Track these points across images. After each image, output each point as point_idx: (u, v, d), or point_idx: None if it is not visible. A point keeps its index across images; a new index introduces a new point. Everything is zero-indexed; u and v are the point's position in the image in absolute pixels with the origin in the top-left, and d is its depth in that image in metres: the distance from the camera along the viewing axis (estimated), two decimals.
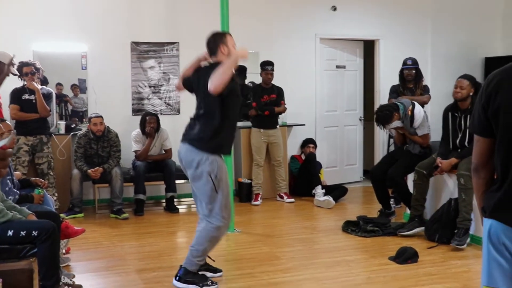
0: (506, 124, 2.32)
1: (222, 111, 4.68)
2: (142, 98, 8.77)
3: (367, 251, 6.09)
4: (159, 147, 8.24)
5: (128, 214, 7.73)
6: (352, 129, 10.26)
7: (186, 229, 7.18)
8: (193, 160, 4.75)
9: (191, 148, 4.79)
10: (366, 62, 10.40)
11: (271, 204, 8.54)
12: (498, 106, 2.33)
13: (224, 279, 5.26)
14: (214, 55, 4.84)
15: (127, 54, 8.64)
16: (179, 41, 8.86)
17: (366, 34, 9.97)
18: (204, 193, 4.78)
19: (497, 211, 2.37)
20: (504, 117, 2.32)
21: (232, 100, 4.74)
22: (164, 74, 8.85)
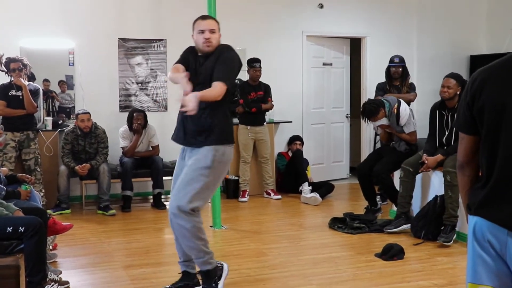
0: (490, 122, 2.33)
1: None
2: (130, 95, 8.74)
3: (353, 247, 6.10)
4: (146, 143, 8.22)
5: (115, 210, 7.72)
6: (339, 126, 10.28)
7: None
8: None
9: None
10: (353, 59, 10.41)
11: (258, 201, 8.54)
12: (483, 104, 2.34)
13: None
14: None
15: (114, 50, 8.61)
16: (167, 37, 8.84)
17: (353, 32, 9.98)
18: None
19: (482, 208, 2.38)
20: (489, 115, 2.33)
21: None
22: (151, 70, 8.83)
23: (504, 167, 2.31)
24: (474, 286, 2.42)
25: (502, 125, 2.29)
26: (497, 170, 2.32)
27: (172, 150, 8.75)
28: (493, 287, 2.37)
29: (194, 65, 4.42)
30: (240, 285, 4.93)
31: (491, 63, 2.40)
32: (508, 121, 2.27)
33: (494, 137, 2.33)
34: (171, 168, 8.35)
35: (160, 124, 8.57)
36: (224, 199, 8.25)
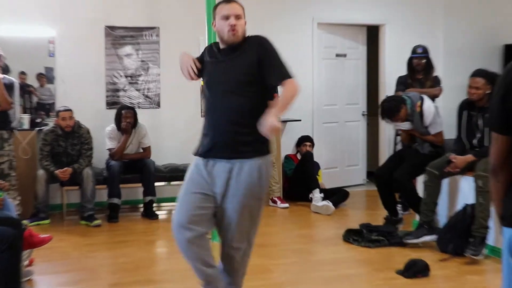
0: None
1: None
2: (118, 90, 8.74)
3: (371, 263, 6.08)
4: (136, 144, 8.21)
5: (101, 220, 7.68)
6: (354, 125, 10.26)
7: (166, 237, 7.14)
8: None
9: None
10: (370, 50, 10.43)
11: (263, 210, 8.45)
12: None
13: None
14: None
15: (100, 39, 8.62)
16: (160, 25, 8.86)
17: (370, 19, 10.01)
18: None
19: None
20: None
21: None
22: (142, 62, 8.83)
23: None
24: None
25: None
26: None
27: (166, 152, 8.77)
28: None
29: (214, 63, 4.18)
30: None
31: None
32: None
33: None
34: (164, 172, 8.36)
35: (152, 123, 8.59)
36: None
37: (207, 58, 4.20)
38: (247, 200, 4.04)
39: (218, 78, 4.08)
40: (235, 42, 4.07)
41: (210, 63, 4.16)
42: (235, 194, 4.00)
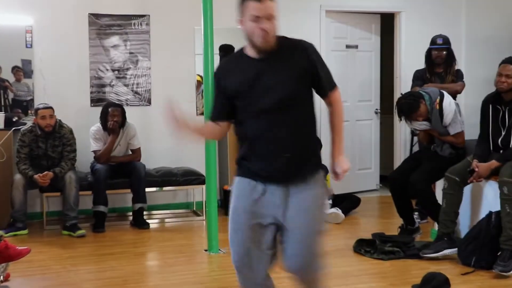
0: None
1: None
2: (104, 85, 8.73)
3: (385, 277, 6.08)
4: (124, 146, 8.22)
5: (85, 230, 7.65)
6: (367, 124, 10.25)
7: (157, 249, 7.14)
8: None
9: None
10: (384, 40, 10.44)
11: None
12: None
13: None
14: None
15: (84, 29, 8.59)
16: (150, 13, 8.85)
17: (384, 6, 10.02)
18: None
19: None
20: None
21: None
22: (131, 54, 8.83)
23: None
24: None
25: None
26: None
27: (158, 154, 8.75)
28: None
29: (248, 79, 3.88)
30: None
31: None
32: None
33: None
34: (155, 177, 8.34)
35: (142, 122, 8.60)
36: (223, 215, 8.18)
37: (235, 77, 3.91)
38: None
39: (263, 96, 3.82)
40: (268, 48, 3.83)
41: (244, 81, 3.86)
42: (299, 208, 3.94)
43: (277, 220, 3.89)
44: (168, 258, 6.76)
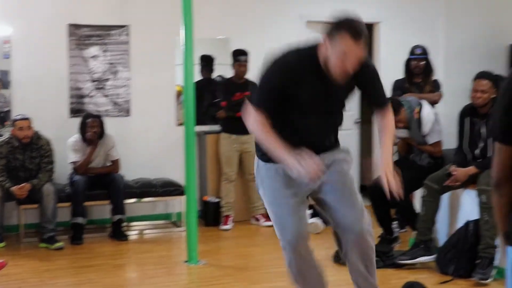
0: None
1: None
2: (83, 96, 8.72)
3: None
4: (103, 157, 8.19)
5: (63, 243, 7.63)
6: (346, 134, 10.20)
7: (136, 261, 7.13)
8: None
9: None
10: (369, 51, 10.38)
11: (245, 229, 8.59)
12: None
13: None
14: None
15: (63, 39, 8.58)
16: (130, 24, 8.86)
17: (364, 16, 9.74)
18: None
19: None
20: None
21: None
22: (110, 65, 8.83)
23: None
24: None
25: None
26: None
27: (137, 165, 8.73)
28: None
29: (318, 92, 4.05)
30: None
31: None
32: None
33: None
34: (134, 188, 8.33)
35: (121, 133, 8.60)
36: (202, 226, 8.29)
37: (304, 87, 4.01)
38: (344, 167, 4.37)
39: (321, 99, 4.05)
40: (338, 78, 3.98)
41: (310, 82, 4.01)
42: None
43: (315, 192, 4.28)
44: (147, 269, 6.76)
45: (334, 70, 3.89)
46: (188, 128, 6.85)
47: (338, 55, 3.81)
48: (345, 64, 3.82)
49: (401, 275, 6.25)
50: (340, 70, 3.86)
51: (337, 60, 3.83)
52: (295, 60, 4.04)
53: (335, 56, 3.83)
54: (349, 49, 3.79)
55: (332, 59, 3.85)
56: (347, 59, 3.80)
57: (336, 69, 3.87)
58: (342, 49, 3.79)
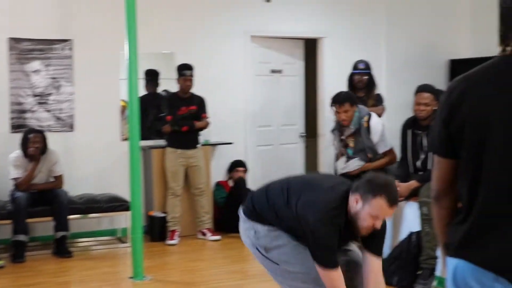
0: (472, 142, 2.39)
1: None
2: (24, 111, 8.60)
3: None
4: (46, 173, 8.08)
5: (4, 261, 7.50)
6: (291, 148, 10.33)
7: (81, 278, 7.07)
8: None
9: None
10: (308, 65, 10.52)
11: (191, 243, 8.56)
12: (463, 120, 2.40)
13: None
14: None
15: (3, 53, 8.46)
16: (73, 38, 8.78)
17: (308, 31, 10.15)
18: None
19: (463, 248, 2.43)
20: (471, 133, 2.39)
21: None
22: (53, 80, 8.73)
23: (488, 197, 2.36)
24: None
25: (486, 146, 2.35)
26: (480, 200, 2.38)
27: (81, 181, 8.67)
28: None
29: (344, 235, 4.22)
30: None
31: (472, 70, 2.46)
32: (494, 141, 2.34)
33: (476, 161, 2.38)
34: (79, 204, 8.26)
35: (65, 148, 8.55)
36: (148, 241, 8.25)
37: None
38: None
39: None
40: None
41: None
42: None
43: None
44: (92, 287, 6.69)
45: (362, 226, 4.03)
46: (133, 143, 6.82)
47: (372, 216, 3.98)
48: (375, 223, 3.99)
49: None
50: (368, 228, 4.02)
51: (369, 219, 3.98)
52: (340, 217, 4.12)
53: (368, 216, 3.98)
54: (384, 213, 4.02)
55: (364, 217, 4.00)
56: (378, 220, 3.99)
57: (364, 225, 4.02)
58: (377, 212, 3.96)
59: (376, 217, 3.98)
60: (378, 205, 3.94)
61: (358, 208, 4.00)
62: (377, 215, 3.97)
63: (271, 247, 4.34)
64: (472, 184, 2.40)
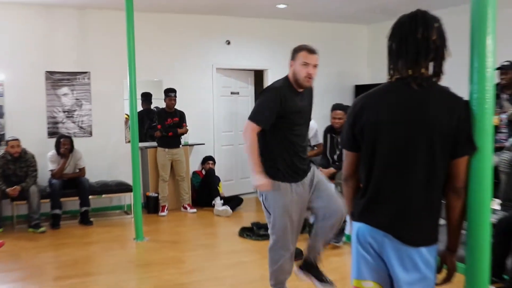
0: (368, 140, 2.39)
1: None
2: (57, 122, 8.56)
3: (259, 252, 6.15)
4: (73, 166, 8.05)
5: (45, 228, 7.50)
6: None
7: (100, 240, 7.04)
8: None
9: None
10: (257, 88, 10.45)
11: (176, 215, 8.51)
12: (363, 125, 2.39)
13: (135, 282, 5.23)
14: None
15: (42, 82, 8.41)
16: (90, 70, 8.72)
17: (256, 65, 10.10)
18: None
19: (362, 215, 2.44)
20: (367, 134, 2.38)
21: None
22: (77, 100, 8.67)
23: (378, 179, 2.38)
24: (357, 282, 2.50)
25: (377, 144, 2.36)
26: (373, 181, 2.40)
27: (98, 171, 8.66)
28: (373, 281, 2.45)
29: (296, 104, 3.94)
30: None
31: (369, 91, 2.47)
32: (382, 140, 2.35)
33: (371, 153, 2.39)
34: (96, 187, 8.26)
35: (86, 148, 8.45)
36: (145, 214, 8.21)
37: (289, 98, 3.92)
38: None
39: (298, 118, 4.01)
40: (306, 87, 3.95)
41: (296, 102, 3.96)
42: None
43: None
44: (107, 245, 6.69)
45: (302, 79, 3.85)
46: (133, 144, 6.79)
47: (301, 64, 3.83)
48: (308, 70, 3.83)
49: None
50: (305, 75, 3.84)
51: (300, 68, 3.84)
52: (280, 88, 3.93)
53: (299, 67, 3.84)
54: (308, 59, 3.85)
55: (297, 70, 3.85)
56: (309, 66, 3.83)
57: (302, 76, 3.84)
58: (303, 59, 3.83)
59: (306, 64, 3.83)
60: (302, 55, 3.83)
61: (293, 67, 3.87)
62: (305, 62, 3.82)
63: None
64: (368, 170, 2.40)
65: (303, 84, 3.89)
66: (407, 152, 2.31)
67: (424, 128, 2.28)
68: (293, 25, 10.21)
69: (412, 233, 2.34)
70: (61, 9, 8.47)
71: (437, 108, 2.29)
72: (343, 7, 9.03)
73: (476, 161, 2.35)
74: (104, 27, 8.73)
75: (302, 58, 3.85)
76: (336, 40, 10.52)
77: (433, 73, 2.33)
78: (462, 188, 2.35)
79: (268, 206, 4.04)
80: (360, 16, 9.86)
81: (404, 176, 2.33)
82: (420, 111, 2.30)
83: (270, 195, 3.97)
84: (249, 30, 9.89)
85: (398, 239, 2.35)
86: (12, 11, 8.20)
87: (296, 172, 3.96)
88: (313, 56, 3.88)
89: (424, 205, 2.33)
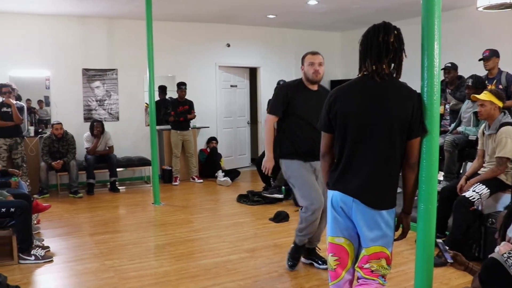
0: (341, 124, 2.37)
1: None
2: (91, 109, 8.50)
3: (253, 215, 6.18)
4: (104, 144, 8.00)
5: (82, 194, 7.51)
6: (243, 130, 10.33)
7: (125, 204, 7.03)
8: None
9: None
10: (251, 83, 10.44)
11: (186, 184, 8.48)
12: (336, 112, 2.38)
13: (153, 238, 5.25)
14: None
15: (79, 77, 8.35)
16: (118, 68, 8.65)
17: (251, 63, 10.01)
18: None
19: (335, 184, 2.43)
20: (339, 120, 2.37)
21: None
22: (107, 92, 8.60)
23: (348, 155, 2.37)
24: (332, 238, 2.50)
25: (347, 127, 2.35)
26: (344, 157, 2.38)
27: (123, 149, 8.65)
28: (344, 237, 2.46)
29: (301, 99, 3.84)
30: (175, 245, 4.94)
31: (342, 85, 2.45)
32: (351, 125, 2.33)
33: (342, 135, 2.38)
34: (122, 162, 8.24)
35: (114, 130, 8.44)
36: (161, 183, 8.21)
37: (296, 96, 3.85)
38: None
39: (303, 114, 3.85)
40: (317, 81, 3.84)
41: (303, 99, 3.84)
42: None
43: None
44: (131, 208, 6.69)
45: (310, 73, 3.80)
46: (152, 127, 6.74)
47: (308, 65, 3.80)
48: (314, 68, 3.78)
49: (274, 208, 6.33)
50: (314, 73, 3.79)
51: (310, 67, 3.80)
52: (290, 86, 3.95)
53: (308, 65, 3.80)
54: (312, 59, 3.81)
55: (307, 69, 3.81)
56: (314, 65, 3.79)
57: (311, 72, 3.79)
58: (309, 60, 3.81)
59: (312, 64, 3.79)
60: (308, 58, 3.82)
61: (303, 69, 3.84)
62: (311, 62, 3.78)
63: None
64: (341, 148, 2.39)
65: (313, 79, 3.83)
66: (371, 134, 2.29)
67: (385, 115, 2.27)
68: (280, 31, 10.10)
69: (375, 199, 2.33)
70: (94, 19, 8.38)
71: (395, 99, 2.29)
72: (321, 18, 8.98)
73: (426, 141, 2.37)
74: (128, 33, 8.64)
75: (308, 60, 3.83)
76: (315, 44, 10.42)
77: (393, 70, 2.34)
78: (415, 163, 2.37)
79: (289, 177, 3.91)
80: (335, 25, 9.80)
81: (369, 153, 2.32)
82: (381, 101, 2.29)
83: (288, 169, 3.89)
84: (245, 35, 9.80)
85: (364, 203, 2.34)
86: (56, 22, 8.11)
87: (305, 153, 3.84)
88: (317, 56, 3.85)
89: (384, 176, 2.32)
